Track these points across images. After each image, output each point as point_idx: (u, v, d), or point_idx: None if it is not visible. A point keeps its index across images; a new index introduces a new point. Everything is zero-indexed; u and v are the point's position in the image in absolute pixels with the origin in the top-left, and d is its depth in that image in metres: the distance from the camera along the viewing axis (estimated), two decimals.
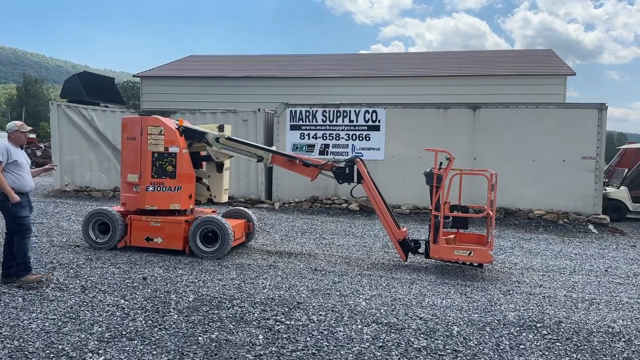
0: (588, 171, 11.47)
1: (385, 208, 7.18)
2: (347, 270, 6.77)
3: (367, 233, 9.86)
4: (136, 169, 7.43)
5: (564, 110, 11.83)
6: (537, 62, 21.45)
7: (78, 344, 4.06)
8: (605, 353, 4.28)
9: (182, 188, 7.44)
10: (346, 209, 12.63)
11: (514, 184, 11.64)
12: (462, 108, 12.35)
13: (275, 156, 7.70)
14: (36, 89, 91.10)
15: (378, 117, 12.67)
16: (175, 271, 6.41)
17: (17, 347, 3.97)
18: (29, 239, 5.71)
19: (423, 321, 4.86)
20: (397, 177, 12.24)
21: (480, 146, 12.04)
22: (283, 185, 13.25)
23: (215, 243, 7.19)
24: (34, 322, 4.50)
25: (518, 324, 4.88)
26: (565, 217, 11.54)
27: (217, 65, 24.66)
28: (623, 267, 7.68)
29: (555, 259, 8.03)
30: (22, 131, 5.66)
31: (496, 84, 18.92)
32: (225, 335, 4.35)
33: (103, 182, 14.66)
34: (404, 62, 23.91)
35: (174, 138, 7.41)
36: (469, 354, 4.13)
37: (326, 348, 4.15)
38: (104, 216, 7.54)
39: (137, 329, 4.42)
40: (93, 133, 14.58)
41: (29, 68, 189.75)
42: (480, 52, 29.19)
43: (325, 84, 20.50)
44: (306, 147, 13.08)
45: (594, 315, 5.27)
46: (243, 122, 13.47)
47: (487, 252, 6.61)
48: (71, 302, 5.07)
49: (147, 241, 7.40)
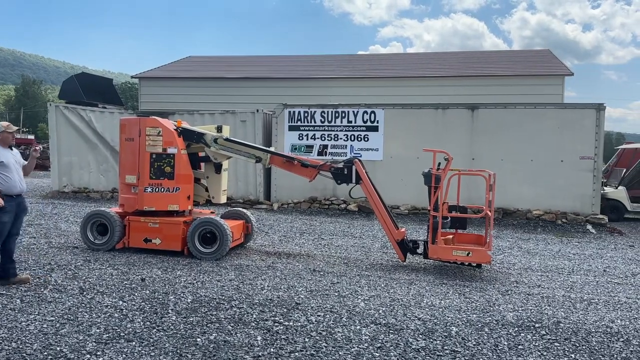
0: (586, 171, 11.49)
1: (383, 209, 7.18)
2: (345, 271, 6.77)
3: (365, 234, 9.86)
4: (134, 170, 7.43)
5: (562, 111, 11.85)
6: (535, 63, 21.47)
7: (76, 345, 4.06)
8: (604, 353, 4.28)
9: (181, 189, 7.44)
10: (345, 209, 12.64)
11: (513, 184, 11.66)
12: (460, 108, 12.37)
13: (274, 157, 7.70)
14: (34, 90, 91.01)
15: (376, 117, 12.68)
16: (174, 272, 6.40)
17: (15, 348, 3.96)
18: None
19: (422, 322, 4.86)
20: (396, 178, 12.25)
21: (478, 146, 12.06)
22: (281, 186, 13.24)
23: (214, 244, 7.19)
24: (32, 323, 4.49)
25: (516, 324, 4.89)
26: (564, 217, 11.55)
27: (216, 66, 24.65)
28: (621, 267, 7.69)
29: (554, 259, 8.04)
30: (9, 132, 5.56)
31: (494, 84, 18.93)
32: (224, 336, 4.34)
33: (101, 183, 14.65)
34: (403, 63, 23.93)
35: (172, 139, 7.41)
36: (468, 355, 4.13)
37: (325, 349, 4.14)
38: (103, 217, 7.53)
39: (135, 330, 4.42)
40: (91, 134, 14.57)
41: (27, 69, 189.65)
42: (478, 52, 29.23)
43: (323, 85, 20.47)
44: (305, 147, 13.08)
45: (593, 315, 5.28)
46: (241, 122, 13.47)
47: (485, 252, 6.61)
48: (69, 303, 5.06)
49: (146, 242, 7.40)
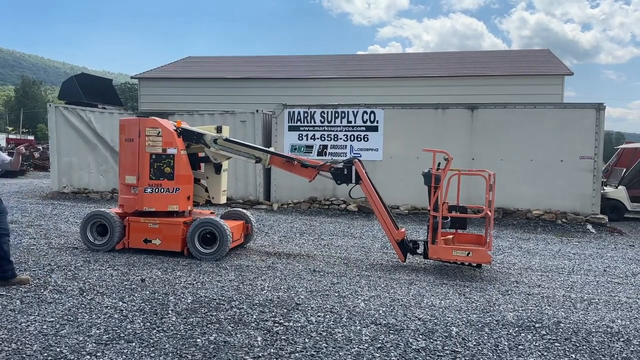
0: (586, 171, 11.49)
1: (383, 209, 7.17)
2: (345, 271, 6.76)
3: (365, 234, 9.85)
4: (134, 171, 7.42)
5: (561, 110, 11.85)
6: (534, 62, 21.46)
7: (76, 346, 4.05)
8: (604, 353, 4.28)
9: (180, 189, 7.43)
10: (344, 209, 12.63)
11: (512, 184, 11.65)
12: (460, 108, 12.37)
13: (274, 157, 7.70)
14: (34, 90, 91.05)
15: (376, 117, 12.68)
16: (174, 273, 6.39)
17: (14, 349, 3.96)
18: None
19: (422, 322, 4.85)
20: (396, 178, 12.24)
21: (478, 146, 12.05)
22: (281, 187, 13.24)
23: (214, 244, 7.18)
24: (32, 324, 4.48)
25: (517, 324, 4.88)
26: (564, 217, 11.55)
27: (215, 67, 24.65)
28: (622, 266, 7.69)
29: (554, 259, 8.04)
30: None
31: (494, 84, 18.93)
32: (224, 337, 4.34)
33: (101, 183, 14.64)
34: (402, 63, 23.92)
35: (172, 139, 7.41)
36: (468, 355, 4.12)
37: (325, 349, 4.14)
38: (102, 218, 7.52)
39: (135, 331, 4.41)
40: (91, 135, 14.57)
41: (27, 70, 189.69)
42: (478, 52, 29.23)
43: (323, 85, 20.48)
44: (304, 148, 13.08)
45: (593, 315, 5.27)
46: (241, 123, 13.47)
47: (485, 252, 6.61)
48: (69, 304, 5.05)
49: (146, 243, 7.39)
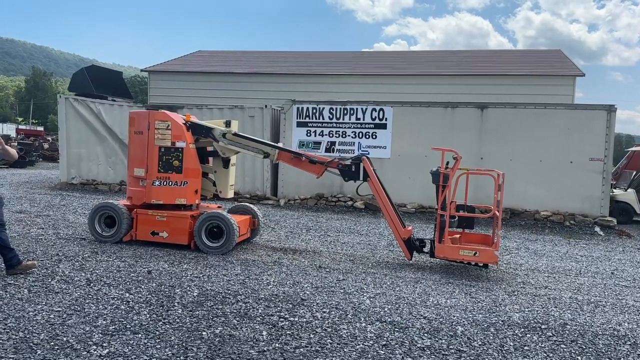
0: (595, 173, 11.39)
1: (390, 206, 7.16)
2: (351, 268, 6.76)
3: (372, 231, 9.84)
4: (143, 163, 7.45)
5: (572, 111, 11.75)
6: (545, 62, 21.28)
7: (82, 336, 4.08)
8: (611, 356, 4.25)
9: (188, 183, 7.46)
10: (351, 206, 12.62)
11: (521, 185, 11.58)
12: (469, 107, 12.30)
13: (282, 153, 7.70)
14: (44, 82, 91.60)
15: (385, 115, 12.64)
16: (180, 266, 6.42)
17: (22, 338, 3.99)
18: None
19: (427, 320, 4.84)
20: (403, 176, 12.21)
21: (487, 146, 11.99)
22: (288, 182, 13.25)
23: (220, 238, 7.20)
24: (39, 313, 4.52)
25: (523, 325, 4.86)
26: (572, 219, 11.47)
27: (225, 61, 24.66)
28: (629, 269, 7.63)
29: (561, 261, 7.99)
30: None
31: (504, 83, 18.81)
32: (229, 330, 4.35)
33: (109, 175, 14.72)
34: (411, 61, 23.82)
35: (181, 133, 7.43)
36: (473, 354, 4.11)
37: (329, 345, 4.14)
38: (110, 210, 7.56)
39: (141, 322, 4.44)
40: (100, 127, 14.64)
41: (37, 61, 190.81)
42: (487, 51, 29.00)
43: (332, 81, 20.44)
44: (312, 144, 13.07)
45: (600, 317, 5.24)
46: (250, 118, 13.48)
47: (492, 252, 6.58)
48: (76, 294, 5.09)
49: (153, 235, 7.42)
